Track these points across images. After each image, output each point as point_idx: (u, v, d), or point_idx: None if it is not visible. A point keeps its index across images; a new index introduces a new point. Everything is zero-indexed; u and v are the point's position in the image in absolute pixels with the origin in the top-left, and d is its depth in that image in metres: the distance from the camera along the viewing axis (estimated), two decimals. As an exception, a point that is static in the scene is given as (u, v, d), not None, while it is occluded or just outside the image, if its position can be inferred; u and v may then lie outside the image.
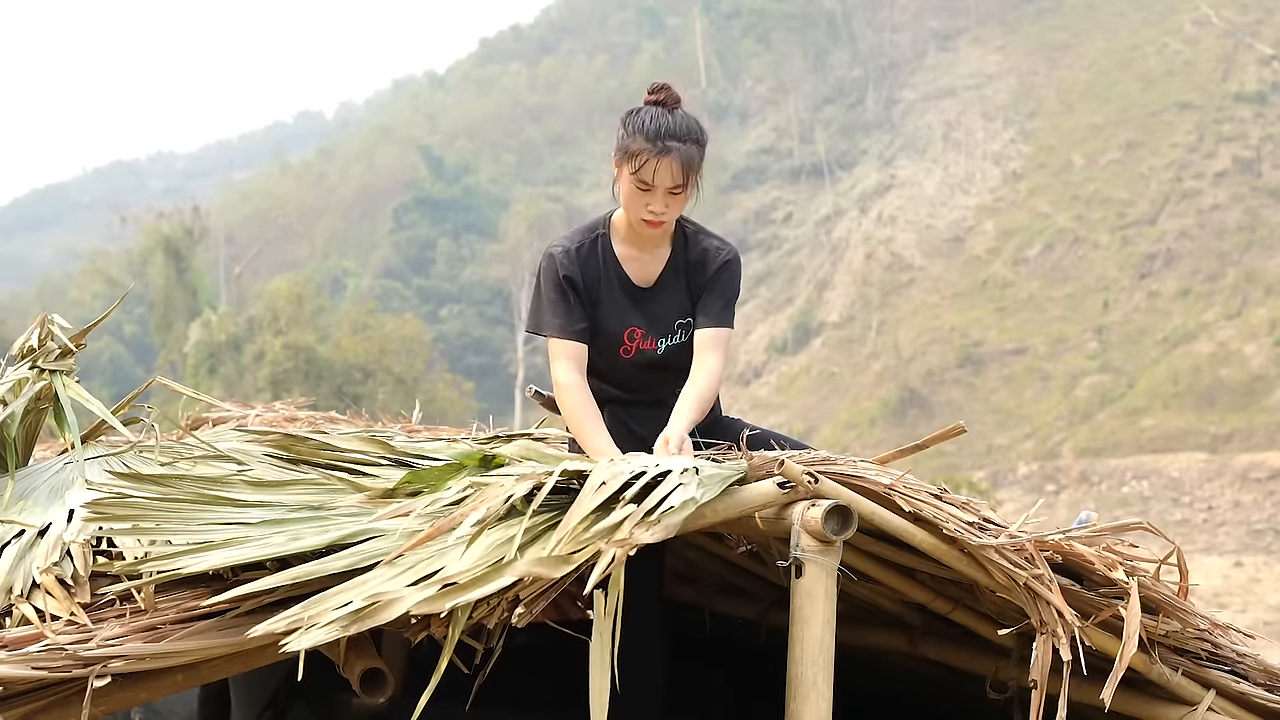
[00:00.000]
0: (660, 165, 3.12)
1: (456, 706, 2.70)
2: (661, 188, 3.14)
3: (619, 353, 3.31)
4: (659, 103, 3.21)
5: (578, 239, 3.32)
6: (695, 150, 3.17)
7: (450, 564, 2.33)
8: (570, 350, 3.23)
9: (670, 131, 3.14)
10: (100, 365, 47.48)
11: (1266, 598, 24.85)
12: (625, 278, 3.30)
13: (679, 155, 3.13)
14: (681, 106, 3.23)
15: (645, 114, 3.19)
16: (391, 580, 2.34)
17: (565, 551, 2.33)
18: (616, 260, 3.30)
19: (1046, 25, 66.28)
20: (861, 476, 2.77)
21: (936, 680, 3.58)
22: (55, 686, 2.25)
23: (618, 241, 3.31)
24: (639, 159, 3.12)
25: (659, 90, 3.23)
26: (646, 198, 3.16)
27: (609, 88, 73.52)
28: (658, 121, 3.15)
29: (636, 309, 3.30)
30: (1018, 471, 37.49)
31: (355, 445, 3.21)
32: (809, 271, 57.47)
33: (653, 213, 3.17)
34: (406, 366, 36.98)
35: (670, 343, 3.33)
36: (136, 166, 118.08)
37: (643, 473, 2.54)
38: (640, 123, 3.17)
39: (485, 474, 2.80)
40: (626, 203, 3.22)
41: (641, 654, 3.51)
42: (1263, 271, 44.76)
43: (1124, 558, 2.85)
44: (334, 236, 68.83)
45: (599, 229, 3.33)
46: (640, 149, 3.13)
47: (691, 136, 3.17)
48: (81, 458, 3.14)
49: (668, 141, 3.12)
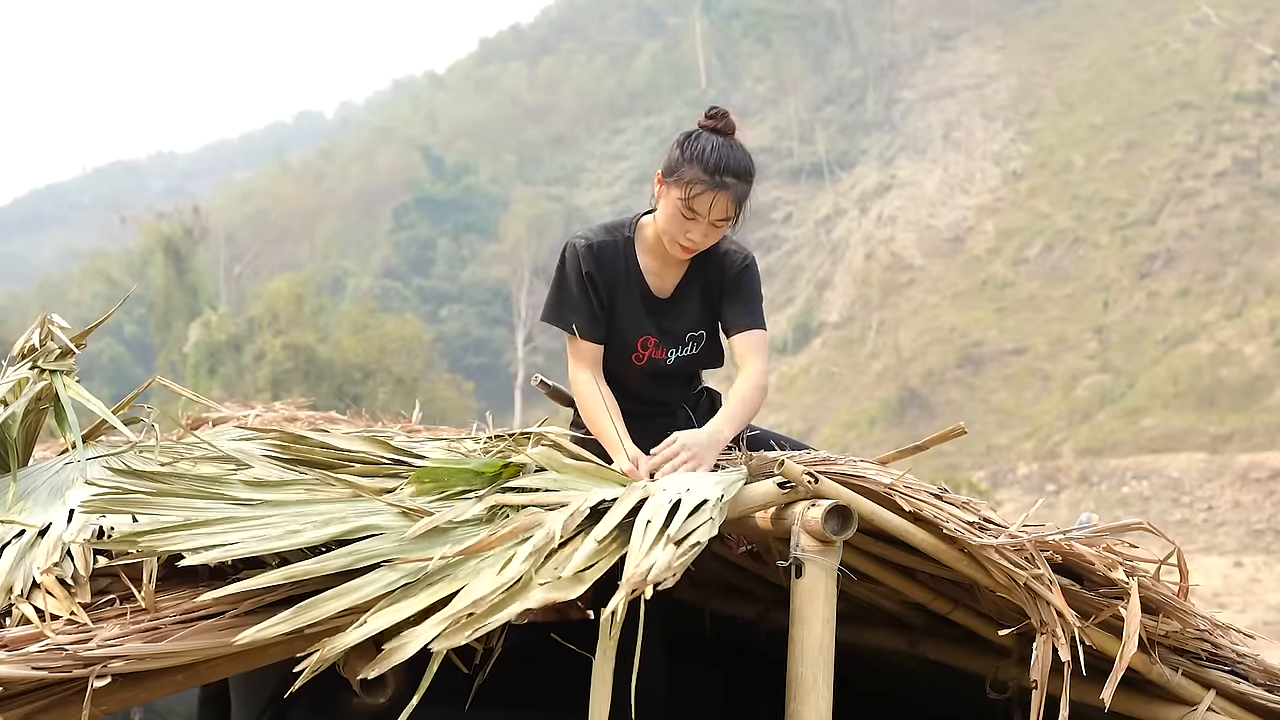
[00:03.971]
0: (715, 199, 3.05)
1: (456, 706, 2.70)
2: (709, 219, 3.08)
3: (631, 359, 3.29)
4: (717, 130, 3.11)
5: (602, 236, 3.27)
6: (747, 187, 3.11)
7: (468, 587, 2.33)
8: (590, 351, 3.23)
9: (729, 167, 3.06)
10: (100, 365, 47.48)
11: (1266, 598, 24.86)
12: (645, 286, 3.27)
13: (734, 192, 3.07)
14: (736, 134, 3.14)
15: (706, 142, 3.09)
16: (403, 600, 2.34)
17: (581, 569, 2.32)
18: (638, 268, 3.26)
19: (1046, 25, 66.31)
20: (861, 476, 2.77)
21: (936, 680, 3.57)
22: (55, 686, 2.25)
23: (641, 250, 3.27)
24: (692, 188, 3.05)
25: (717, 117, 3.13)
26: (689, 225, 3.10)
27: (609, 88, 73.54)
28: (719, 154, 3.06)
29: (652, 318, 3.28)
30: (1018, 471, 37.51)
31: (355, 445, 3.21)
32: (809, 271, 57.51)
33: (691, 240, 3.13)
34: (406, 366, 36.98)
35: (681, 354, 3.32)
36: (136, 166, 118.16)
37: (679, 502, 2.52)
38: (700, 151, 3.07)
39: (503, 486, 2.78)
40: (666, 224, 3.15)
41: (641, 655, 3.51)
42: (1263, 271, 44.77)
43: (1124, 558, 2.85)
44: (334, 236, 68.87)
45: (626, 231, 3.28)
46: (696, 178, 3.05)
47: (746, 174, 3.10)
48: (82, 458, 3.14)
49: (725, 177, 3.05)
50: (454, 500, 2.73)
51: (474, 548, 2.42)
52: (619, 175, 68.41)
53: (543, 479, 2.77)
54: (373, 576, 2.41)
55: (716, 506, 2.57)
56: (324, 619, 2.32)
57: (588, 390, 3.18)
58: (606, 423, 3.10)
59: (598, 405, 3.14)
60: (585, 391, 3.18)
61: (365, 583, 2.39)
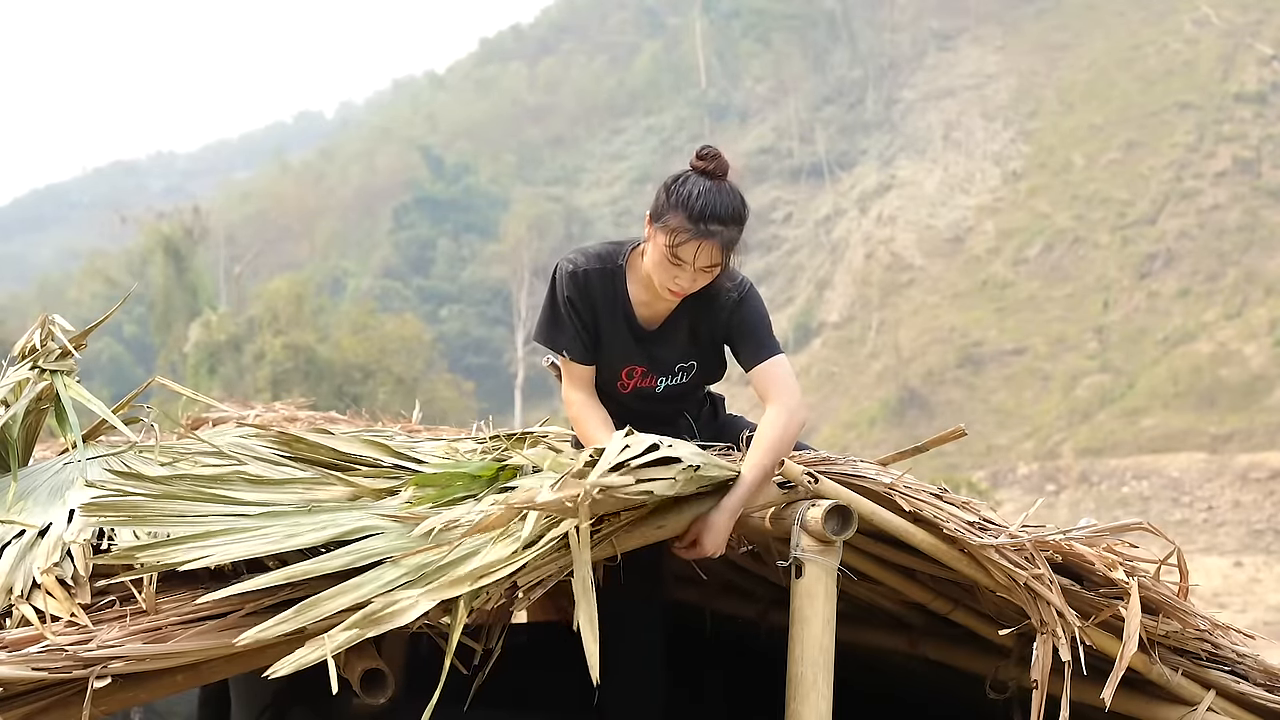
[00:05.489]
0: (700, 248, 2.95)
1: (456, 707, 2.71)
2: (695, 267, 2.99)
3: (616, 386, 3.27)
4: (707, 173, 2.99)
5: (593, 264, 3.18)
6: (736, 233, 2.99)
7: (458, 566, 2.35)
8: (581, 371, 3.21)
9: (715, 214, 2.93)
10: (100, 365, 47.45)
11: (1266, 598, 24.84)
12: (632, 318, 3.20)
13: (720, 240, 2.95)
14: (729, 176, 3.01)
15: (693, 187, 2.96)
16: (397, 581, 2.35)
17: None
18: (627, 298, 3.18)
19: (1046, 25, 66.29)
20: (861, 476, 2.78)
21: (936, 680, 3.57)
22: (55, 687, 2.25)
23: (632, 281, 3.18)
24: (677, 236, 2.95)
25: (710, 159, 3.00)
26: (675, 272, 3.01)
27: (609, 88, 73.53)
28: (705, 200, 2.94)
29: (639, 348, 3.23)
30: (1018, 471, 37.49)
31: (355, 447, 3.21)
32: (809, 271, 57.47)
33: (679, 285, 3.04)
34: (406, 366, 36.98)
35: (671, 383, 3.27)
36: (136, 166, 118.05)
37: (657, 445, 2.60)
38: (685, 196, 2.95)
39: (501, 487, 2.79)
40: (653, 269, 3.06)
41: (641, 654, 3.51)
42: (1263, 271, 44.76)
43: (1124, 558, 2.85)
44: (334, 236, 68.83)
45: (618, 260, 3.19)
46: (681, 226, 2.95)
47: (735, 218, 2.97)
48: (82, 458, 3.14)
49: (711, 225, 2.93)
50: (453, 505, 2.74)
51: (476, 528, 2.43)
52: (619, 175, 68.41)
53: (541, 479, 2.78)
54: (372, 575, 2.41)
55: (686, 471, 2.61)
56: (324, 619, 2.32)
57: (580, 411, 3.16)
58: (599, 434, 3.08)
59: (590, 423, 3.13)
60: (577, 413, 3.17)
61: (365, 582, 2.39)
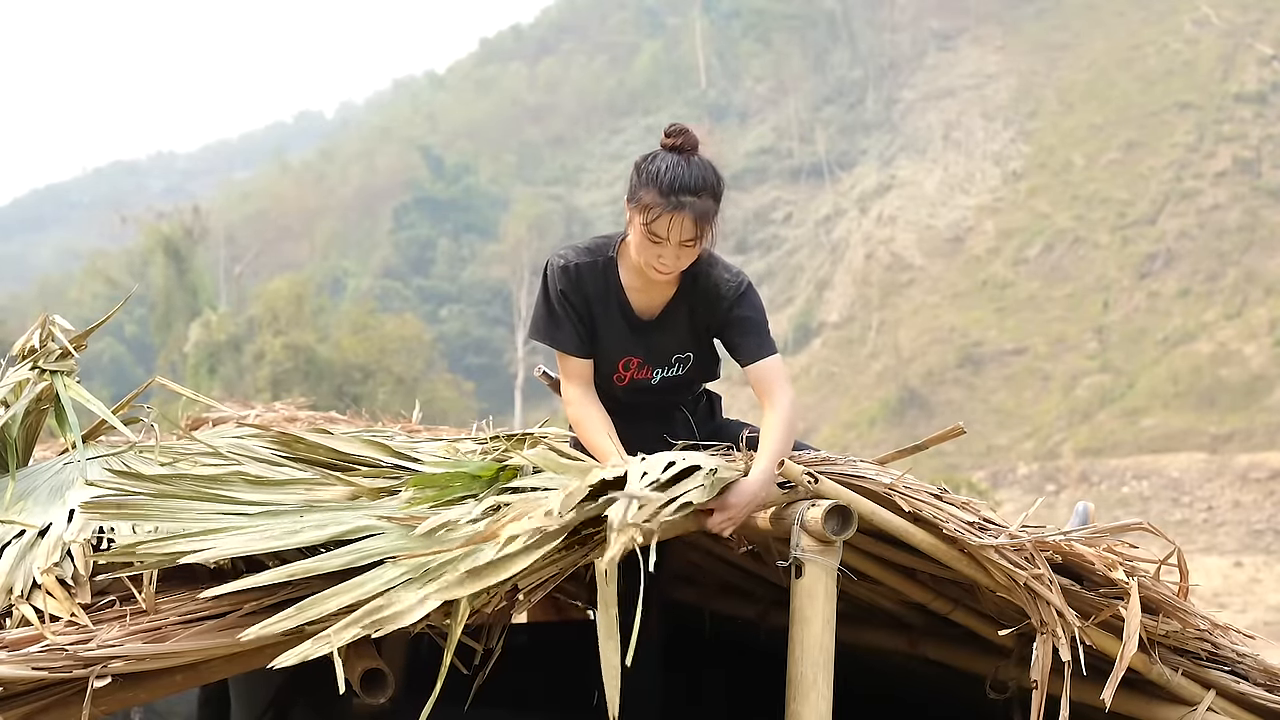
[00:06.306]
0: (673, 221, 2.97)
1: (456, 707, 2.71)
2: (673, 241, 3.01)
3: (612, 378, 3.26)
4: (675, 148, 3.04)
5: (583, 257, 3.20)
6: (710, 203, 3.01)
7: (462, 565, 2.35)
8: (579, 366, 3.21)
9: (684, 185, 2.97)
10: (100, 365, 47.47)
11: (1266, 598, 24.85)
12: (628, 307, 3.21)
13: (692, 210, 2.97)
14: (699, 151, 3.05)
15: (660, 163, 3.02)
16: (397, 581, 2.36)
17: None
18: (621, 288, 3.19)
19: (1046, 25, 66.30)
20: (861, 476, 2.78)
21: (936, 680, 3.57)
22: (55, 687, 2.25)
23: (625, 269, 3.19)
24: (651, 212, 2.98)
25: (676, 135, 3.05)
26: (657, 249, 3.03)
27: (609, 88, 73.52)
28: (673, 173, 2.99)
29: (636, 339, 3.23)
30: (1018, 471, 37.50)
31: (354, 448, 3.21)
32: (809, 271, 57.47)
33: (664, 264, 3.06)
34: (406, 366, 36.98)
35: (667, 374, 3.27)
36: (136, 166, 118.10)
37: (672, 463, 2.58)
38: (654, 173, 3.01)
39: (501, 488, 2.79)
40: (636, 251, 3.09)
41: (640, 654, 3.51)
42: (1263, 271, 44.77)
43: (1124, 558, 2.85)
44: (334, 236, 68.85)
45: (609, 251, 3.21)
46: (653, 202, 2.98)
47: (707, 188, 3.00)
48: (82, 458, 3.14)
49: (681, 196, 2.97)
50: (453, 505, 2.74)
51: (477, 538, 2.43)
52: (619, 175, 68.28)
53: (541, 480, 2.77)
54: (373, 574, 2.41)
55: (709, 475, 2.59)
56: (324, 618, 2.32)
57: (579, 412, 3.16)
58: (598, 437, 3.08)
59: (587, 419, 3.12)
60: (577, 414, 3.17)
61: (365, 581, 2.39)
